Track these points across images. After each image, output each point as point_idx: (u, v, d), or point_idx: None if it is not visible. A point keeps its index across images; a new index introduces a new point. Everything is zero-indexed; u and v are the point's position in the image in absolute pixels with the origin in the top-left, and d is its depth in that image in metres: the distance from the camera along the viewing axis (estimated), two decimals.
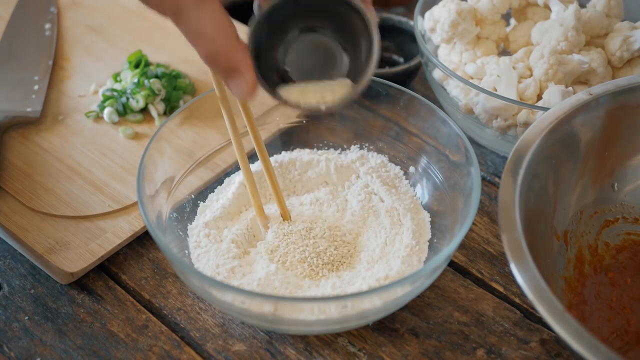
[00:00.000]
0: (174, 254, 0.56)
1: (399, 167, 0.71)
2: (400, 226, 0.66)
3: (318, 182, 0.71)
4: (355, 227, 0.67)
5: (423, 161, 0.70)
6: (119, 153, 0.76)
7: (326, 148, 0.74)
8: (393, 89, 0.69)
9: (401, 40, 0.91)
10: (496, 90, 0.72)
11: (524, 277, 0.49)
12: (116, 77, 0.84)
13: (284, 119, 0.75)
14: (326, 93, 0.55)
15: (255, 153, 0.66)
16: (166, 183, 0.65)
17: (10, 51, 0.87)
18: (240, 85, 0.56)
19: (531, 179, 0.57)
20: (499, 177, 0.75)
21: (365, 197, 0.69)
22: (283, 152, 0.73)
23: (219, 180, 0.71)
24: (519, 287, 0.50)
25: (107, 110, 0.80)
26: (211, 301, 0.57)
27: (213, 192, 0.70)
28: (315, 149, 0.74)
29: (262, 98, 0.74)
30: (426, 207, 0.68)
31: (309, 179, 0.71)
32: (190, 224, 0.67)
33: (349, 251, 0.65)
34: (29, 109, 0.80)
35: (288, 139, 0.75)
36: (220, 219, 0.67)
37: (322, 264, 0.63)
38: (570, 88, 0.71)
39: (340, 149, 0.74)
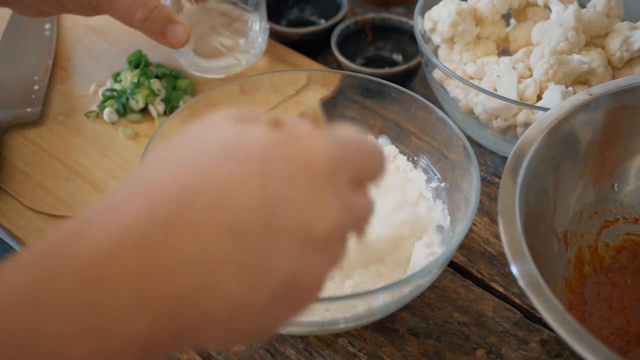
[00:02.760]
0: None
1: (401, 166, 0.71)
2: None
3: None
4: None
5: (423, 161, 0.70)
6: (119, 153, 0.76)
7: None
8: (393, 89, 0.69)
9: (401, 40, 0.91)
10: (496, 90, 0.72)
11: (524, 277, 0.49)
12: (116, 77, 0.84)
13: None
14: None
15: None
16: None
17: (10, 51, 0.87)
18: (178, 31, 0.71)
19: (531, 179, 0.57)
20: (499, 177, 0.75)
21: None
22: None
23: None
24: (519, 287, 0.50)
25: (107, 111, 0.80)
26: None
27: None
28: None
29: (263, 98, 0.74)
30: None
31: None
32: None
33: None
34: (29, 109, 0.80)
35: None
36: None
37: None
38: (570, 88, 0.71)
39: None
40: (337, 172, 0.36)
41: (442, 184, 0.67)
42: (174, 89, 0.82)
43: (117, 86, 0.82)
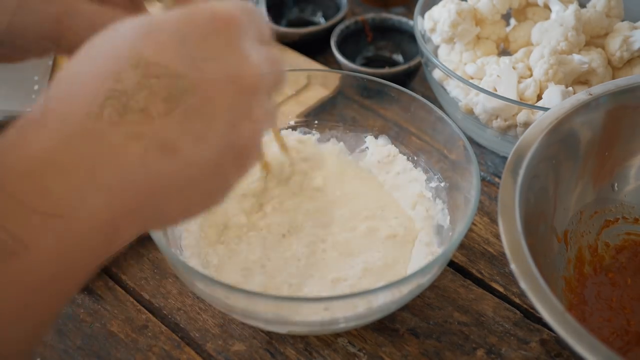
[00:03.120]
0: (174, 255, 0.56)
1: (401, 166, 0.71)
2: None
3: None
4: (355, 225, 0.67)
5: (423, 161, 0.70)
6: None
7: None
8: (393, 89, 0.69)
9: (401, 40, 0.91)
10: (496, 90, 0.72)
11: (524, 277, 0.49)
12: None
13: (286, 119, 0.75)
14: None
15: None
16: None
17: None
18: None
19: (531, 179, 0.57)
20: (499, 177, 0.75)
21: (365, 195, 0.69)
22: None
23: None
24: (519, 287, 0.50)
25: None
26: (211, 301, 0.57)
27: None
28: None
29: None
30: None
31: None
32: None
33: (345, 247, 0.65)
34: (29, 109, 0.80)
35: None
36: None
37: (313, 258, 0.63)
38: (570, 88, 0.71)
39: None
40: (244, 27, 0.39)
41: (442, 184, 0.67)
42: None
43: None
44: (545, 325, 0.61)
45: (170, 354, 0.60)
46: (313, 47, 0.91)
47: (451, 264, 0.67)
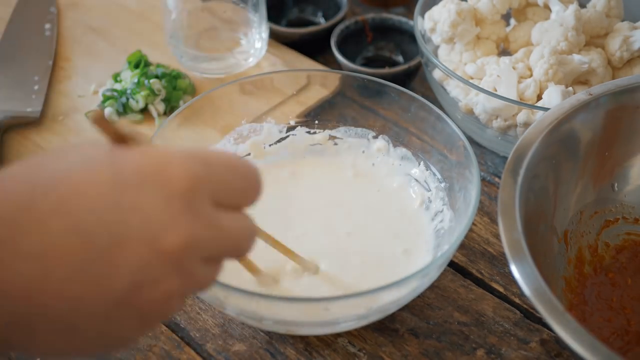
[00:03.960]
0: None
1: (401, 166, 0.71)
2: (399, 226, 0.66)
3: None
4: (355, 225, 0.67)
5: (422, 161, 0.70)
6: None
7: None
8: (393, 89, 0.69)
9: (401, 40, 0.91)
10: (496, 90, 0.72)
11: (524, 277, 0.49)
12: (116, 77, 0.84)
13: (286, 119, 0.75)
14: None
15: None
16: None
17: (10, 51, 0.87)
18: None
19: (531, 179, 0.57)
20: (499, 177, 0.75)
21: (365, 197, 0.69)
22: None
23: None
24: (519, 287, 0.50)
25: (107, 111, 0.80)
26: (211, 301, 0.57)
27: None
28: None
29: (263, 98, 0.74)
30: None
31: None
32: None
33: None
34: (29, 109, 0.80)
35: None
36: None
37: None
38: (570, 88, 0.71)
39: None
40: (196, 188, 0.36)
41: (442, 184, 0.67)
42: (174, 89, 0.82)
43: (117, 86, 0.82)
44: (545, 325, 0.61)
45: (170, 354, 0.60)
46: (313, 47, 0.91)
47: (451, 264, 0.67)
